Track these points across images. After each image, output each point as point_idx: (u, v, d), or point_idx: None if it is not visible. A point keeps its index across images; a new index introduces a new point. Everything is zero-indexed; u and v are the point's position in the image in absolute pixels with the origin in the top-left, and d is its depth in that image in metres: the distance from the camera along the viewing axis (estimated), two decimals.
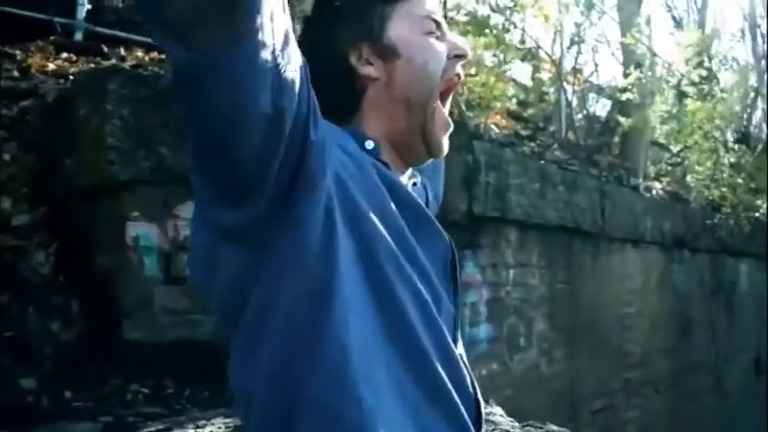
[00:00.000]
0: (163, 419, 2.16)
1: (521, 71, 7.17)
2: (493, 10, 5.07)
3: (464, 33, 4.53)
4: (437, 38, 1.03)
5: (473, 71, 4.65)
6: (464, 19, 4.55)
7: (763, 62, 10.80)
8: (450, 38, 1.04)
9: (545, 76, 7.13)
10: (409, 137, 1.02)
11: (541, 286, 4.65)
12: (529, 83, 7.38)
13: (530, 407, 3.97)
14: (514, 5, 5.03)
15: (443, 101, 1.04)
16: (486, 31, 4.56)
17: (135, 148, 2.31)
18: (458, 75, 1.04)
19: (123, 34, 4.21)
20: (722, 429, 7.06)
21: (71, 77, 3.10)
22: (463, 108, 4.33)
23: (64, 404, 2.19)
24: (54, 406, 2.18)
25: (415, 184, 1.08)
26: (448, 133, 1.05)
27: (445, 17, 4.42)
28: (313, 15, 1.09)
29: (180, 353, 2.42)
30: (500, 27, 4.98)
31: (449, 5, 4.67)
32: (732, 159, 7.87)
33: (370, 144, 0.99)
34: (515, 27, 5.28)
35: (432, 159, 1.07)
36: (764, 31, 12.97)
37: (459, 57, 1.04)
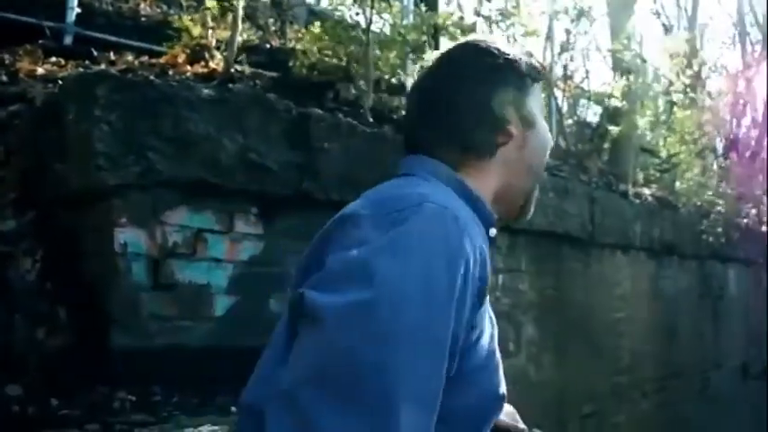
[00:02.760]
0: (150, 427, 2.15)
1: None
2: (478, 14, 5.08)
3: (452, 41, 4.54)
4: None
5: None
6: (452, 28, 4.56)
7: (752, 69, 10.88)
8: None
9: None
10: (518, 196, 1.16)
11: (531, 292, 4.66)
12: None
13: (519, 412, 3.97)
14: (502, 17, 5.05)
15: None
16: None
17: (123, 154, 2.30)
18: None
19: (113, 38, 4.20)
20: None
21: (59, 82, 3.09)
22: None
23: (50, 412, 2.17)
24: (40, 414, 2.16)
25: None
26: (533, 208, 1.19)
27: (435, 28, 4.39)
28: (466, 57, 1.17)
29: (168, 359, 2.41)
30: (489, 32, 4.99)
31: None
32: (720, 166, 7.91)
33: (493, 232, 1.08)
34: (503, 33, 5.28)
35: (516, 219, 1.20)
36: (753, 39, 13.09)
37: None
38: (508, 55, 1.16)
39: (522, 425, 1.36)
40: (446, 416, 0.90)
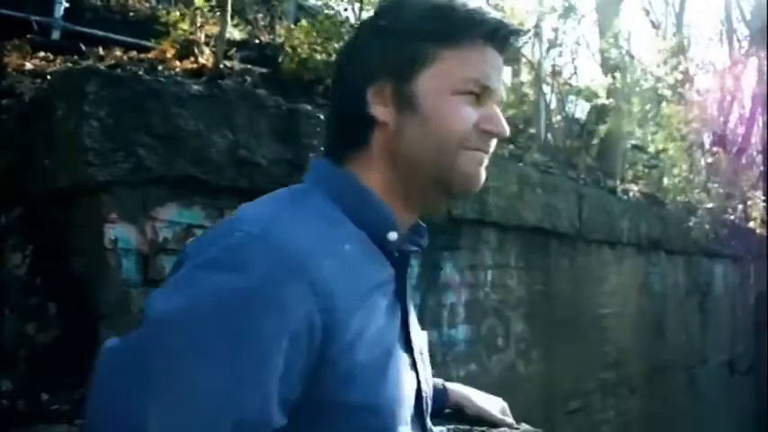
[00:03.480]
0: None
1: None
2: None
3: None
4: (474, 102, 0.89)
5: None
6: None
7: (740, 66, 10.96)
8: (492, 109, 0.91)
9: (524, 78, 7.19)
10: (413, 193, 0.92)
11: (519, 288, 4.69)
12: (508, 84, 7.44)
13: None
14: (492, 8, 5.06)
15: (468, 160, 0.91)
16: None
17: (113, 150, 2.30)
18: (485, 150, 0.92)
19: (101, 33, 4.18)
20: (696, 429, 7.16)
21: (48, 78, 3.08)
22: None
23: (40, 407, 2.18)
24: (30, 408, 2.17)
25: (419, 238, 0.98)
26: (481, 168, 0.92)
27: None
28: (359, 27, 1.01)
29: None
30: None
31: None
32: (708, 162, 7.98)
33: (393, 236, 0.88)
34: None
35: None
36: (740, 35, 13.17)
37: (490, 132, 0.91)
38: (404, 10, 0.91)
39: (510, 419, 1.37)
40: None
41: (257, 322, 0.73)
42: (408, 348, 0.92)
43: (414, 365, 0.92)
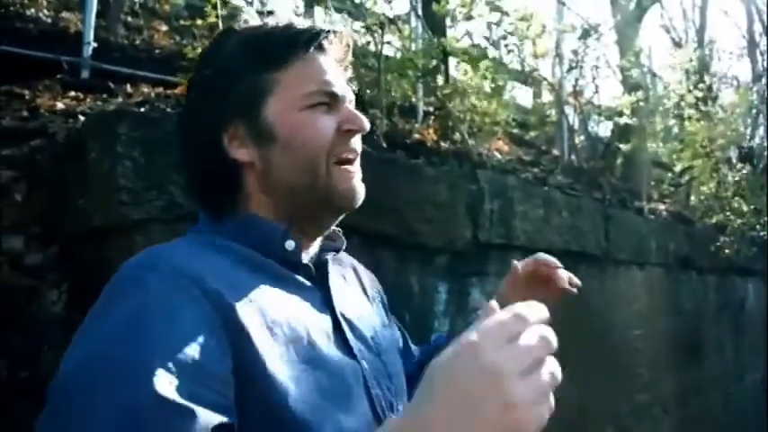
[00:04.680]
0: None
1: (521, 94, 7.25)
2: (487, 39, 5.13)
3: (462, 63, 4.59)
4: (327, 111, 0.91)
5: (474, 99, 4.70)
6: (461, 48, 4.61)
7: (763, 80, 10.87)
8: (346, 110, 0.93)
9: (545, 98, 7.20)
10: (304, 216, 0.93)
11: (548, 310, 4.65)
12: (529, 105, 7.45)
13: None
14: (511, 33, 5.09)
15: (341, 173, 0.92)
16: (484, 60, 4.63)
17: (145, 189, 2.35)
18: (353, 150, 0.94)
19: (129, 70, 4.28)
20: None
21: (81, 118, 3.16)
22: (466, 137, 4.38)
23: None
24: None
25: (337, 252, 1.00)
26: (355, 181, 0.94)
27: (444, 53, 4.43)
28: (191, 86, 0.97)
29: None
30: (497, 55, 5.04)
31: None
32: (736, 179, 7.89)
33: (291, 245, 0.89)
34: (512, 53, 5.33)
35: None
36: (763, 49, 13.07)
37: (352, 131, 0.93)
38: (222, 51, 0.91)
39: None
40: None
41: (161, 324, 0.76)
42: (347, 351, 0.91)
43: (352, 365, 0.91)
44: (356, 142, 0.95)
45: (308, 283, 0.92)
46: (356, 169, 0.95)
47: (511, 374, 0.64)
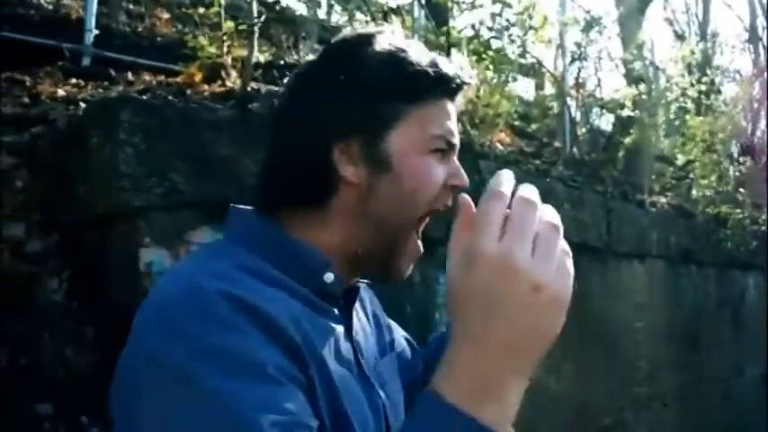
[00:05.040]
0: None
1: (523, 85, 7.24)
2: (491, 30, 5.11)
3: (466, 54, 4.57)
4: (441, 159, 0.89)
5: (476, 90, 4.69)
6: (466, 37, 4.59)
7: (765, 73, 10.83)
8: (455, 164, 0.91)
9: (548, 91, 7.18)
10: (370, 259, 0.89)
11: None
12: (532, 97, 7.43)
13: (539, 425, 3.97)
14: (514, 24, 5.08)
15: (419, 226, 0.91)
16: (488, 51, 4.61)
17: (147, 175, 2.34)
18: (446, 206, 0.91)
19: (130, 58, 4.26)
20: None
21: (82, 105, 3.14)
22: (468, 128, 4.36)
23: (80, 430, 2.21)
24: (70, 431, 2.20)
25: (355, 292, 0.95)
26: (413, 261, 0.92)
27: (448, 44, 4.43)
28: (308, 75, 0.93)
29: None
30: (500, 46, 5.03)
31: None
32: (737, 173, 7.88)
33: (329, 278, 0.86)
34: (515, 44, 5.31)
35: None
36: (765, 43, 13.03)
37: (456, 188, 0.90)
38: (370, 64, 0.86)
39: None
40: None
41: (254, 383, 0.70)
42: (364, 380, 0.90)
43: (374, 394, 0.91)
44: (451, 199, 0.91)
45: (335, 311, 0.90)
46: (422, 249, 0.94)
47: (522, 259, 0.64)
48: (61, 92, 3.62)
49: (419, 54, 0.89)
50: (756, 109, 9.89)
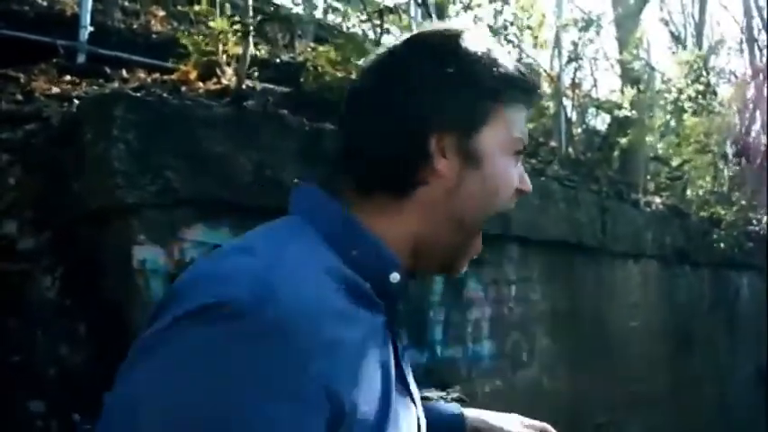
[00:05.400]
0: None
1: None
2: (490, 27, 5.11)
3: None
4: (516, 162, 0.91)
5: None
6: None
7: (761, 75, 10.85)
8: (521, 170, 0.93)
9: (544, 90, 7.18)
10: (438, 253, 0.89)
11: (543, 302, 4.67)
12: None
13: None
14: (512, 23, 5.08)
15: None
16: None
17: (141, 172, 2.34)
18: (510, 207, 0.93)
19: (125, 55, 4.25)
20: None
21: (76, 102, 3.13)
22: None
23: (73, 428, 2.20)
24: (63, 429, 2.19)
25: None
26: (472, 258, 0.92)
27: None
28: (404, 62, 0.89)
29: None
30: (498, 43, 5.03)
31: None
32: (731, 173, 7.90)
33: (395, 277, 0.83)
34: (513, 46, 5.31)
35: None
36: (762, 44, 13.06)
37: (522, 193, 0.92)
38: (470, 59, 0.87)
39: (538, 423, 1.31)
40: None
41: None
42: (404, 384, 0.88)
43: (412, 400, 0.89)
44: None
45: (382, 306, 0.85)
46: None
47: None
48: (56, 89, 3.60)
49: (507, 57, 0.91)
50: (751, 110, 9.92)
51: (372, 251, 0.82)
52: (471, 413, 1.24)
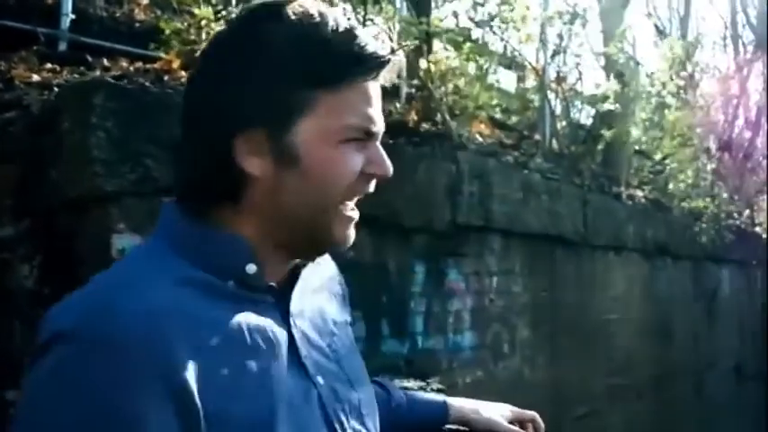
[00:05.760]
0: None
1: (505, 79, 7.25)
2: (473, 21, 5.11)
3: (446, 44, 4.58)
4: (358, 147, 0.82)
5: (457, 81, 4.70)
6: (444, 28, 4.59)
7: (745, 70, 10.94)
8: (376, 151, 0.84)
9: (529, 84, 7.21)
10: (299, 242, 0.84)
11: (525, 294, 4.70)
12: (513, 90, 7.45)
13: None
14: (495, 16, 5.08)
15: (343, 207, 0.84)
16: (468, 42, 4.62)
17: (120, 161, 2.33)
18: (367, 193, 0.86)
19: (107, 44, 4.21)
20: None
21: (55, 90, 3.11)
22: (447, 117, 4.37)
23: None
24: None
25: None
26: (353, 227, 0.86)
27: (428, 34, 4.43)
28: (212, 55, 0.84)
29: None
30: (481, 37, 5.04)
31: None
32: (713, 167, 7.97)
33: (251, 269, 0.81)
34: (498, 37, 5.33)
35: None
36: (745, 40, 13.15)
37: (376, 176, 0.85)
38: (278, 41, 0.77)
39: (529, 414, 1.32)
40: None
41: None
42: (302, 370, 0.85)
43: (313, 382, 0.86)
44: (372, 185, 0.86)
45: (269, 299, 0.84)
46: (357, 213, 0.87)
47: None
48: (36, 77, 3.57)
49: (334, 27, 0.79)
50: (735, 105, 10.00)
51: (221, 250, 0.80)
52: (462, 403, 1.24)
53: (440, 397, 1.26)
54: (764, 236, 9.39)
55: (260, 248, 0.82)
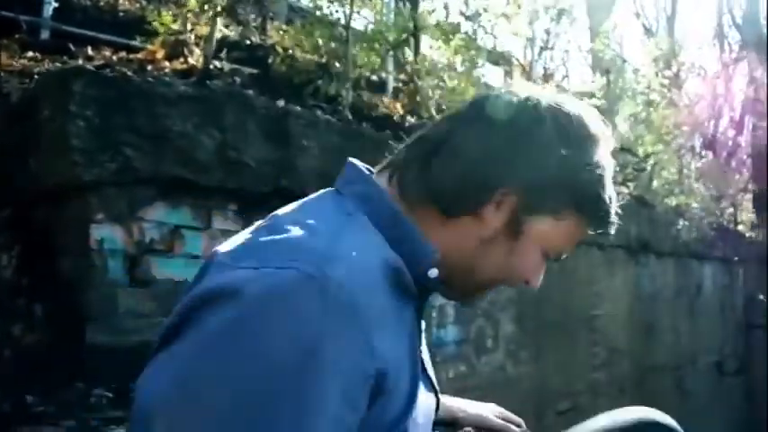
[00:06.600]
0: (127, 423, 2.15)
1: (492, 74, 7.25)
2: (463, 15, 5.11)
3: (434, 38, 4.57)
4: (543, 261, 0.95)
5: (443, 75, 4.68)
6: (433, 23, 4.57)
7: (730, 69, 11.01)
8: (542, 268, 0.97)
9: (516, 79, 7.21)
10: (447, 279, 0.91)
11: (509, 289, 4.69)
12: (500, 85, 7.44)
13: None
14: (484, 11, 5.08)
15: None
16: (457, 36, 4.60)
17: (100, 150, 2.29)
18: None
19: (91, 33, 4.16)
20: (684, 430, 7.18)
21: (36, 77, 3.06)
22: (434, 113, 4.35)
23: (26, 408, 2.17)
24: (16, 411, 2.15)
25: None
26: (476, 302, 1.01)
27: (416, 27, 4.41)
28: (522, 118, 0.91)
29: (144, 356, 2.41)
30: (470, 32, 5.02)
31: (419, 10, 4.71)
32: (698, 165, 8.01)
33: (433, 273, 0.88)
34: (485, 32, 5.32)
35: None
36: (731, 40, 13.24)
37: (526, 283, 0.97)
38: (587, 164, 0.89)
39: (515, 418, 1.34)
40: None
41: (315, 385, 0.70)
42: (424, 370, 0.95)
43: (432, 386, 0.98)
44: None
45: (414, 305, 0.91)
46: None
47: None
48: (17, 65, 3.52)
49: (611, 178, 0.94)
50: (719, 104, 10.07)
51: (418, 247, 0.88)
52: (450, 401, 1.28)
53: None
54: (747, 234, 9.47)
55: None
